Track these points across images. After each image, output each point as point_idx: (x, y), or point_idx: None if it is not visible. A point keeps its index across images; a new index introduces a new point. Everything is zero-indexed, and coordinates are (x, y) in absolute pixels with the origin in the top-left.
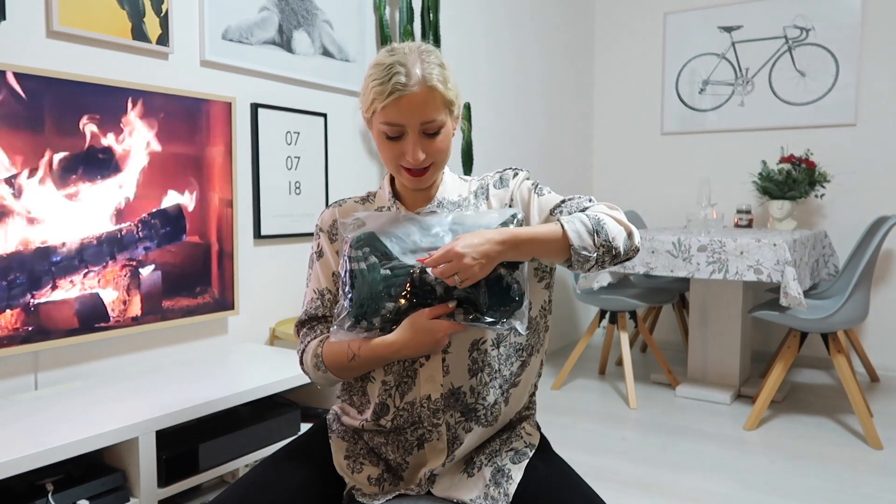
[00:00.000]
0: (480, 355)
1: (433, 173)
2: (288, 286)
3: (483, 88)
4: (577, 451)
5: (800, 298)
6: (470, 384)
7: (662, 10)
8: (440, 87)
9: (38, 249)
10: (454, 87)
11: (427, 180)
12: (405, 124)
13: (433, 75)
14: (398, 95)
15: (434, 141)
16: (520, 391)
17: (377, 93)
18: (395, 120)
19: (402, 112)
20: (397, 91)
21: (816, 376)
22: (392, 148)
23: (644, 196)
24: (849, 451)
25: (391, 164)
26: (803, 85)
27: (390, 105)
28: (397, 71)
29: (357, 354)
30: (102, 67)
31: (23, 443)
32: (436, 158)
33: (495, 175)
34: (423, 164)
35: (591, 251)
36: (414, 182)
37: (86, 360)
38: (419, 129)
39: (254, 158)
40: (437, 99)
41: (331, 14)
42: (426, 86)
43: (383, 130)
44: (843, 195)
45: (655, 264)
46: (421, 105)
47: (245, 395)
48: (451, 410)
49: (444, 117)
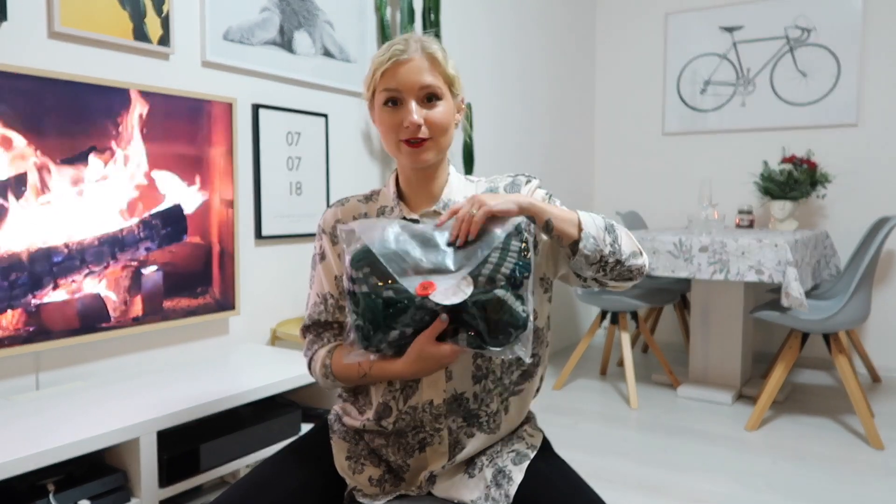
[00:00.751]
0: (485, 362)
1: (432, 148)
2: (289, 287)
3: (484, 88)
4: (579, 451)
5: (801, 299)
6: (473, 390)
7: (664, 10)
8: (439, 56)
9: (40, 250)
10: (454, 70)
11: (426, 154)
12: (403, 89)
13: (433, 47)
14: (396, 60)
15: (433, 111)
16: (519, 401)
17: (378, 63)
18: (393, 85)
19: (401, 77)
20: (396, 56)
21: (818, 377)
22: (392, 117)
23: (645, 196)
24: (850, 451)
25: (391, 140)
26: (805, 85)
27: (389, 70)
28: (397, 44)
29: (367, 373)
30: (103, 68)
31: (24, 443)
32: (434, 132)
33: (507, 178)
34: (422, 135)
35: (601, 244)
36: (413, 157)
37: (87, 361)
38: (417, 94)
39: (255, 159)
40: (437, 68)
41: (332, 14)
42: (425, 52)
43: (383, 100)
44: (845, 196)
45: (657, 265)
46: (419, 70)
47: (246, 395)
48: (453, 416)
49: (443, 87)
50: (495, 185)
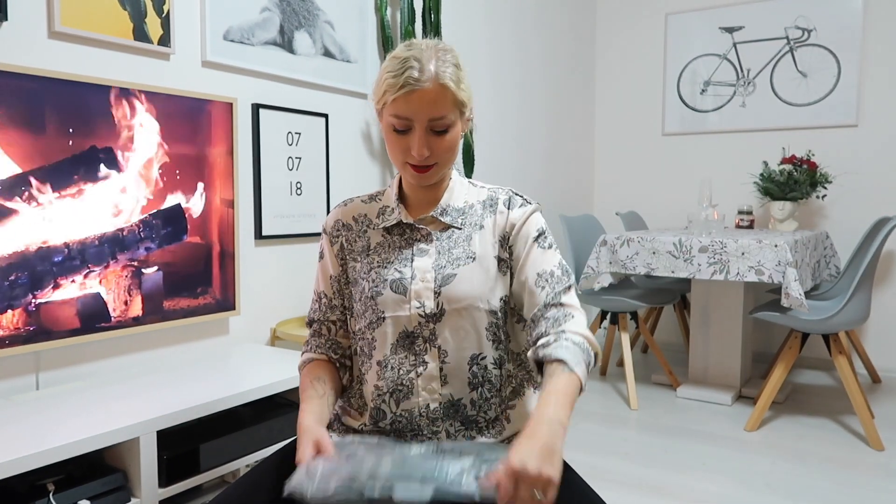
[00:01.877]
0: (480, 370)
1: (437, 172)
2: (289, 287)
3: (484, 88)
4: (578, 451)
5: (801, 299)
6: (471, 397)
7: (664, 10)
8: (452, 85)
9: (40, 249)
10: (467, 89)
11: (430, 178)
12: (413, 119)
13: (446, 74)
14: (409, 90)
15: (441, 140)
16: (518, 414)
17: (390, 85)
18: (403, 113)
19: (412, 106)
20: (409, 85)
21: (818, 377)
22: (399, 142)
23: (645, 197)
24: (850, 452)
25: (397, 159)
26: (805, 86)
27: (401, 98)
28: (411, 66)
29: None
30: (104, 68)
31: (24, 443)
32: (440, 158)
33: (507, 192)
34: (428, 162)
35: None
36: (417, 178)
37: (87, 361)
38: (427, 125)
39: (255, 159)
40: (448, 98)
41: (332, 15)
42: (438, 83)
43: (392, 123)
44: (845, 196)
45: (656, 265)
46: (431, 102)
47: (246, 395)
48: (450, 420)
49: (453, 117)
50: (495, 197)
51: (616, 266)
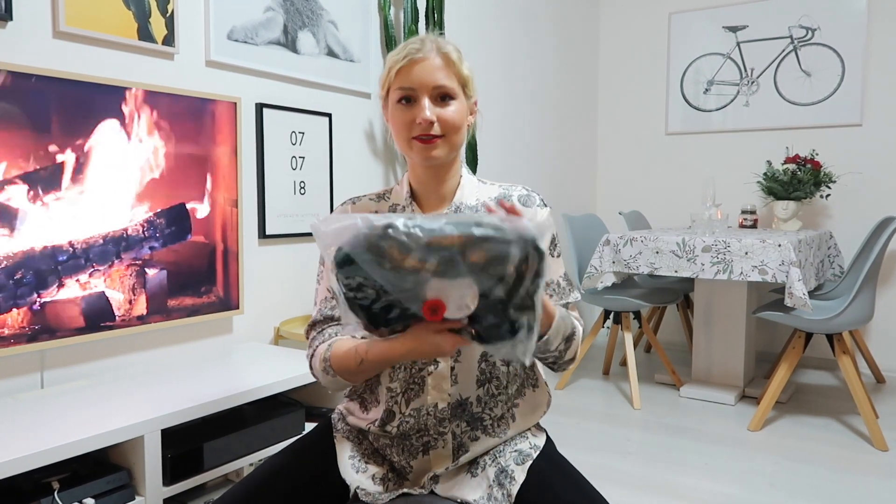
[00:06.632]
0: (489, 367)
1: (443, 147)
2: (292, 286)
3: (486, 87)
4: (581, 451)
5: (805, 299)
6: (477, 394)
7: (667, 9)
8: (454, 56)
9: (45, 249)
10: (469, 71)
11: (437, 154)
12: (417, 87)
13: (448, 47)
14: (412, 58)
15: (446, 109)
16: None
17: (393, 61)
18: (407, 83)
19: (415, 76)
20: (411, 55)
21: (821, 377)
22: (405, 115)
23: (648, 196)
24: (854, 452)
25: (403, 137)
26: (809, 85)
27: (405, 68)
28: (413, 43)
29: (364, 359)
30: (108, 67)
31: (29, 441)
32: (446, 130)
33: (522, 190)
34: (434, 132)
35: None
36: (424, 153)
37: (91, 359)
38: (431, 93)
39: (259, 158)
40: (451, 69)
41: (335, 14)
42: (440, 52)
43: (397, 97)
44: (849, 195)
45: (660, 264)
46: (434, 69)
47: (250, 394)
48: (457, 420)
49: (456, 87)
50: (508, 193)
51: (619, 265)
